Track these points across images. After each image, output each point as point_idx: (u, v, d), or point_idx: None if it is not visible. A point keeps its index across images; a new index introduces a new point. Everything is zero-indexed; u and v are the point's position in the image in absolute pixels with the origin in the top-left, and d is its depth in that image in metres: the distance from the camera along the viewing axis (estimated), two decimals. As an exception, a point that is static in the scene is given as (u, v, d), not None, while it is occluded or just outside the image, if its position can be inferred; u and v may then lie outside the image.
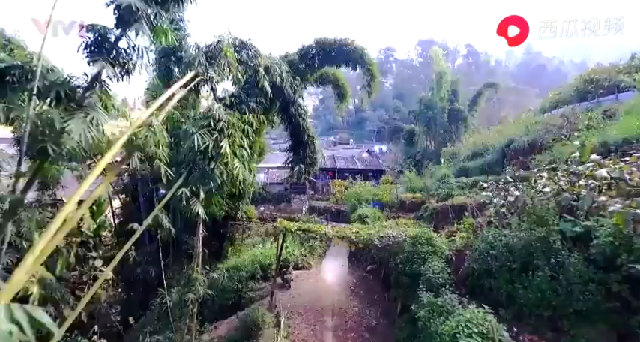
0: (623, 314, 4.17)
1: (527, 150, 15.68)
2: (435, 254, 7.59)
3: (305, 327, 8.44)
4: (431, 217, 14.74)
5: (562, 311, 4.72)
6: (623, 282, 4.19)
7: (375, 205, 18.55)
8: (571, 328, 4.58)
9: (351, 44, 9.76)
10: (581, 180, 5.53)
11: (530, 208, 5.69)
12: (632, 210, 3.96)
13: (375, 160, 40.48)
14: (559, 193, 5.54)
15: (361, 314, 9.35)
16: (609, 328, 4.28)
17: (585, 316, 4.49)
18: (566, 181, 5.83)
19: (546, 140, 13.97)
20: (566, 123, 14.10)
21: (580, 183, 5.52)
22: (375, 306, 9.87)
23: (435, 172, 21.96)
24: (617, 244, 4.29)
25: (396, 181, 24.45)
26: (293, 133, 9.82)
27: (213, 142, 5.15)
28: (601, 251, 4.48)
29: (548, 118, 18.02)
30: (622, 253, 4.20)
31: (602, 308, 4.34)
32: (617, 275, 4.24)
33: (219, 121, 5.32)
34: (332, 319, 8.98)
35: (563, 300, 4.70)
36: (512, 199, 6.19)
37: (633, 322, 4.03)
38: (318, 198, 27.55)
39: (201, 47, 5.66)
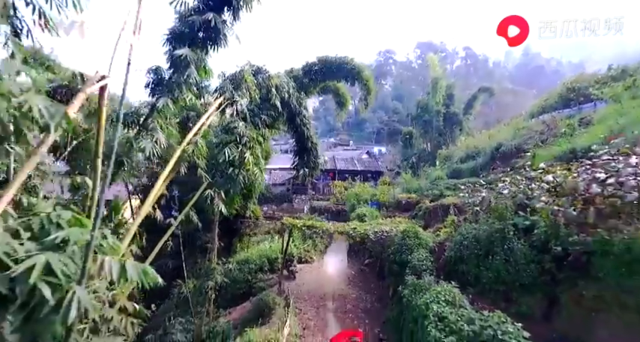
0: (551, 285, 5.55)
1: (514, 153, 17.05)
2: (420, 246, 8.99)
3: (310, 309, 9.85)
4: (424, 216, 16.06)
5: (512, 286, 6.11)
6: (552, 261, 5.58)
7: (373, 205, 19.88)
8: (518, 298, 5.97)
9: (350, 62, 11.17)
10: (534, 183, 6.93)
11: (494, 206, 7.08)
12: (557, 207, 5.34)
13: (373, 161, 41.85)
14: (516, 194, 6.94)
15: (358, 300, 10.76)
16: (543, 296, 5.67)
17: (527, 288, 5.87)
18: (524, 184, 7.23)
19: (529, 145, 15.37)
20: (546, 129, 15.50)
21: (532, 185, 6.92)
22: (370, 293, 11.27)
23: (430, 173, 23.33)
24: (549, 233, 5.68)
25: (393, 182, 25.81)
26: (298, 140, 11.20)
27: (238, 154, 6.54)
28: (539, 238, 5.87)
29: (534, 123, 19.42)
30: (552, 239, 5.58)
31: (539, 281, 5.72)
32: (549, 256, 5.62)
33: (244, 137, 6.72)
34: (333, 303, 10.39)
35: (513, 277, 6.09)
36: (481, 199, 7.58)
37: (558, 289, 5.41)
38: (319, 198, 28.71)
39: (227, 76, 7.03)
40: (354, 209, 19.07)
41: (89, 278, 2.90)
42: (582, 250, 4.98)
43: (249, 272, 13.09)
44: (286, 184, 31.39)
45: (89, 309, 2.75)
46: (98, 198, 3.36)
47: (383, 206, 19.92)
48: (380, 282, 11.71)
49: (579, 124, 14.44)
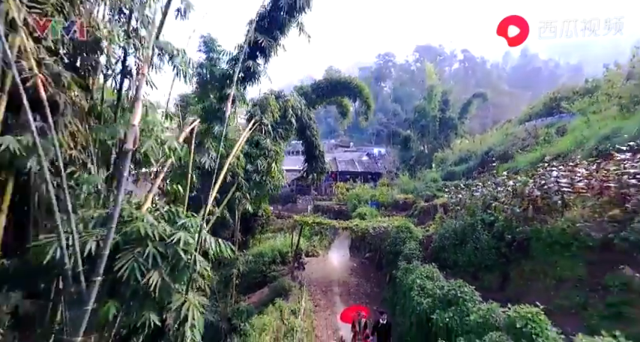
0: (505, 265, 7.45)
1: (501, 157, 18.94)
2: (411, 238, 10.90)
3: (318, 292, 11.76)
4: (419, 214, 17.94)
5: (479, 267, 8.01)
6: (506, 247, 7.47)
7: (373, 205, 21.74)
8: (482, 276, 7.86)
9: (352, 81, 13.06)
10: (499, 187, 8.83)
11: (468, 205, 8.97)
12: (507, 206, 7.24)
13: (373, 163, 43.73)
14: (485, 195, 8.84)
15: (359, 286, 12.67)
16: (499, 273, 7.56)
17: (489, 268, 7.76)
18: (492, 187, 9.13)
19: (513, 150, 17.27)
20: (528, 137, 17.41)
21: (499, 189, 8.82)
22: (370, 281, 13.18)
23: (426, 175, 25.20)
24: (505, 225, 7.57)
25: (391, 183, 27.69)
26: (307, 149, 13.13)
27: (267, 164, 8.42)
28: (498, 230, 7.77)
29: (520, 129, 21.30)
30: (506, 230, 7.48)
31: (497, 263, 7.62)
32: (504, 243, 7.52)
33: (270, 151, 8.58)
34: (338, 288, 12.30)
35: (479, 260, 7.98)
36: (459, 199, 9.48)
37: (509, 268, 7.31)
38: (322, 198, 30.52)
39: (256, 101, 8.89)
40: (355, 209, 20.92)
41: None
42: (524, 237, 6.87)
43: (264, 264, 14.97)
44: (290, 185, 33.21)
45: (202, 267, 4.72)
46: (194, 198, 5.28)
47: (382, 206, 21.77)
48: (378, 272, 13.61)
49: (556, 133, 16.34)
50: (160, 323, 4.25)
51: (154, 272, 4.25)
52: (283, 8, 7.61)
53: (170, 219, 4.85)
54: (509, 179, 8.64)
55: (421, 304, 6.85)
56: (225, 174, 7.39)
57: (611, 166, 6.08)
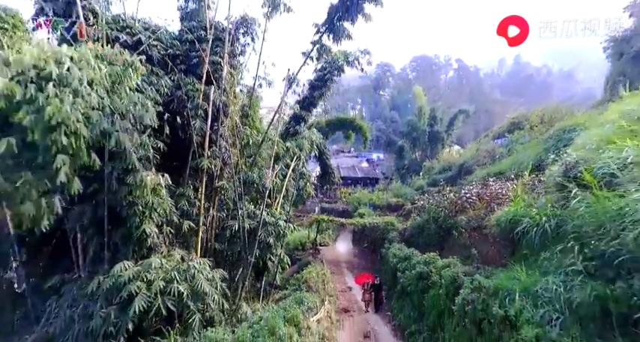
0: (442, 243, 13.29)
1: (467, 171, 24.80)
2: (393, 230, 16.80)
3: (331, 267, 17.64)
4: (405, 214, 23.77)
5: (429, 244, 13.85)
6: (442, 232, 13.32)
7: (370, 207, 27.62)
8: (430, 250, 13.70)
9: (355, 120, 18.96)
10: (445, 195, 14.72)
11: (428, 208, 14.85)
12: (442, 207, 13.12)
13: (372, 169, 49.65)
14: (438, 200, 14.73)
15: (360, 264, 18.58)
16: (438, 247, 13.40)
17: (434, 245, 13.58)
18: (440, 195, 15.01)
19: (475, 165, 23.12)
20: (488, 154, 23.28)
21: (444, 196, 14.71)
22: (366, 260, 19.09)
23: (415, 182, 31.11)
24: (442, 219, 13.42)
25: (387, 188, 33.61)
26: (323, 167, 19.08)
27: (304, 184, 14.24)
28: (439, 222, 13.63)
29: (489, 146, 27.11)
30: (442, 222, 13.34)
31: (438, 241, 13.44)
32: (441, 230, 13.36)
33: (305, 174, 14.39)
34: (344, 264, 18.19)
35: (429, 241, 13.84)
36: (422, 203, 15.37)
37: (443, 244, 13.17)
38: (327, 201, 36.22)
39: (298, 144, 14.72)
40: (356, 210, 26.81)
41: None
42: (449, 226, 12.73)
43: (289, 250, 20.83)
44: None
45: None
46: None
47: (378, 208, 27.63)
48: (372, 254, 19.53)
49: (507, 153, 22.16)
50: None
51: (271, 238, 10.19)
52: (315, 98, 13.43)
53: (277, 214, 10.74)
54: (450, 191, 14.51)
55: (392, 262, 12.71)
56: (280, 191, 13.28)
57: (491, 186, 11.87)
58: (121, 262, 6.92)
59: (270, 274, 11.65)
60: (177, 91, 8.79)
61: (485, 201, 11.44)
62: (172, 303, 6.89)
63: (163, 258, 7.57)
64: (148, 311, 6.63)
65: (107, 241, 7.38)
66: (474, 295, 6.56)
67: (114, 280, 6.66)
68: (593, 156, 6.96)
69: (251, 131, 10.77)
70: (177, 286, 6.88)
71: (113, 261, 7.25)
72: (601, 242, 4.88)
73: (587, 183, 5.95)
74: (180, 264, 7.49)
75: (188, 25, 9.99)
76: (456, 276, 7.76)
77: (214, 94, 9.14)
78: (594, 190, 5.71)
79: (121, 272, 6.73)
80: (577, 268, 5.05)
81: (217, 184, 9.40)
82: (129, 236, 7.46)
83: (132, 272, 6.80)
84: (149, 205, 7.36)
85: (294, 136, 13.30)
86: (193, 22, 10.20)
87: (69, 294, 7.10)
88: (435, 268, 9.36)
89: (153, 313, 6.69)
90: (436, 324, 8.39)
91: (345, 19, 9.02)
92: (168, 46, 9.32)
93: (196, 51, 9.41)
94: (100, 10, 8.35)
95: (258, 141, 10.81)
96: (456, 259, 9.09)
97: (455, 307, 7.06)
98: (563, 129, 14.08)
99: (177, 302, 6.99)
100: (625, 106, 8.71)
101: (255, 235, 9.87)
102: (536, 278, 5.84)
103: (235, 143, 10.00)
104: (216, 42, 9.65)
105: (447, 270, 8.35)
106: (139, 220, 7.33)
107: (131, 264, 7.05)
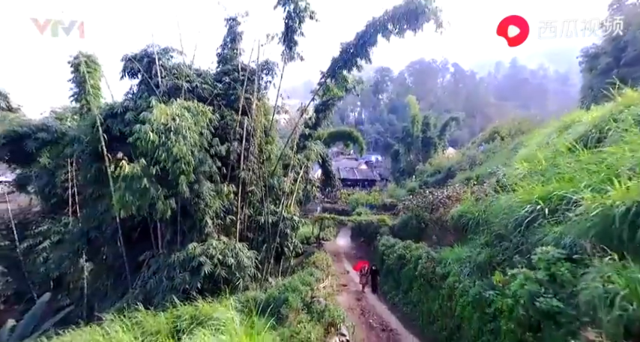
0: (419, 234, 16.71)
1: (451, 175, 28.25)
2: (385, 225, 20.26)
3: (332, 257, 21.08)
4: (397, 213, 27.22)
5: (411, 236, 17.31)
6: (421, 226, 16.75)
7: (367, 207, 31.09)
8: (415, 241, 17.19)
9: (352, 133, 22.36)
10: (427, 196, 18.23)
11: (411, 207, 18.32)
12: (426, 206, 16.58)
13: (370, 171, 53.14)
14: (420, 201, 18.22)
15: (356, 254, 22.04)
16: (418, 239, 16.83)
17: (415, 236, 17.04)
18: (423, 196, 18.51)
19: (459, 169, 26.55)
20: (470, 160, 26.72)
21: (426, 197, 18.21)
22: (363, 252, 22.55)
23: (408, 184, 34.57)
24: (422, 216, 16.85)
25: (383, 189, 37.10)
26: (325, 173, 22.58)
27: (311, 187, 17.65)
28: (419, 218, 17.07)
29: (474, 152, 30.56)
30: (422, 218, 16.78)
31: (418, 234, 16.88)
32: (422, 225, 16.79)
33: (311, 180, 17.78)
34: (344, 255, 21.65)
35: (411, 234, 17.29)
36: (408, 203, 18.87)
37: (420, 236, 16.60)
38: (328, 201, 39.65)
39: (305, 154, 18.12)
40: (354, 209, 30.29)
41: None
42: (427, 221, 16.17)
43: (296, 244, 24.27)
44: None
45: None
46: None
47: (374, 207, 31.09)
48: (368, 247, 22.99)
49: (485, 159, 25.59)
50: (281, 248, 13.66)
51: (288, 229, 13.68)
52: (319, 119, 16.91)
53: (291, 211, 14.20)
54: (430, 193, 17.96)
55: (381, 249, 16.18)
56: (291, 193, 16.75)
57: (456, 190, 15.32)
58: (191, 243, 10.38)
59: (286, 257, 15.09)
60: (221, 121, 12.22)
61: (451, 201, 14.91)
62: (225, 271, 10.33)
63: (216, 241, 11.02)
64: (209, 276, 10.07)
65: (179, 228, 10.84)
66: (427, 264, 10.04)
67: (186, 255, 10.11)
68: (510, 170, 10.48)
69: (271, 147, 14.21)
70: (230, 258, 10.33)
71: (183, 243, 10.72)
72: (494, 226, 8.36)
73: (501, 189, 9.45)
74: (229, 245, 10.93)
75: (225, 69, 13.44)
76: (420, 254, 11.23)
77: (247, 122, 12.57)
78: (500, 194, 9.21)
79: (192, 250, 10.18)
80: (480, 242, 8.54)
81: (249, 189, 12.83)
82: (194, 225, 10.93)
83: (199, 249, 10.25)
84: (208, 204, 10.81)
85: (303, 150, 16.73)
86: (228, 65, 13.61)
87: (155, 264, 10.55)
88: (410, 251, 12.82)
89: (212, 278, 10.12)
90: (408, 288, 11.86)
91: (344, 69, 12.44)
92: (213, 87, 12.75)
93: (233, 89, 12.84)
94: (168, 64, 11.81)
95: (277, 156, 14.23)
96: (424, 244, 12.55)
97: (417, 272, 10.53)
98: (519, 143, 17.53)
99: (227, 271, 10.43)
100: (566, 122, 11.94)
101: (276, 227, 13.31)
102: (464, 251, 9.32)
103: (260, 158, 13.45)
104: (247, 82, 13.07)
105: (416, 251, 11.82)
106: (200, 214, 10.80)
107: (197, 244, 10.49)
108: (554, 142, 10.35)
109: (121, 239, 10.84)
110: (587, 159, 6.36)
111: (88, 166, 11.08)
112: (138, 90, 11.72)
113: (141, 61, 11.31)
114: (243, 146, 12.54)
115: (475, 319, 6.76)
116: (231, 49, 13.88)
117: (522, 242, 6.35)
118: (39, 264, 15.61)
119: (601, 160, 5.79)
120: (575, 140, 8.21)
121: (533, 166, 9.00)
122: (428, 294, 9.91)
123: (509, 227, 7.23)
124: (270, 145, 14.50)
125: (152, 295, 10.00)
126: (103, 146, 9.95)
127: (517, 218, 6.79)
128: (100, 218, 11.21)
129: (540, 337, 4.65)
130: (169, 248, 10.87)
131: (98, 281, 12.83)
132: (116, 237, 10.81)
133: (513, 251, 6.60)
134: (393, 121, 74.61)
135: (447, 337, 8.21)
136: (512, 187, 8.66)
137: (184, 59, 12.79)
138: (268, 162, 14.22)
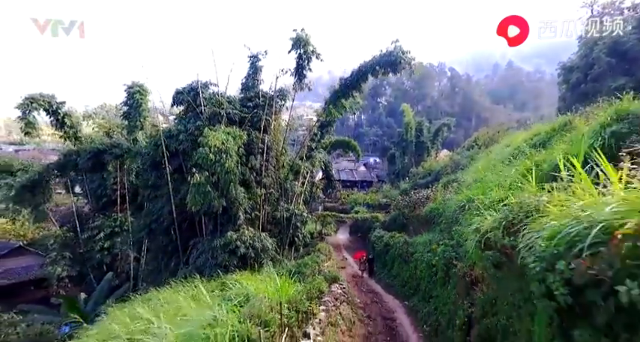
0: (403, 227, 20.52)
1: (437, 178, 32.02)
2: (378, 221, 24.13)
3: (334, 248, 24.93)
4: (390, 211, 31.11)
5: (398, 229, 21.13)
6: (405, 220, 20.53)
7: (365, 206, 34.92)
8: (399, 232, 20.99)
9: (349, 142, 26.16)
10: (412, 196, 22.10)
11: (399, 205, 22.14)
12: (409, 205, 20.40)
13: (368, 172, 56.93)
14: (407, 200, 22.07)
15: (354, 246, 25.89)
16: (402, 230, 20.66)
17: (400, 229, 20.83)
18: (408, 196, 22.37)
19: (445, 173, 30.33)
20: (454, 164, 30.51)
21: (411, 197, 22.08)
22: (359, 244, 26.40)
23: (402, 185, 38.37)
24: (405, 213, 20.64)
25: (379, 190, 40.92)
26: (327, 177, 26.43)
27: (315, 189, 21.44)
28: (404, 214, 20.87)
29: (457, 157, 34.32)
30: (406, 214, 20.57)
31: (402, 227, 20.69)
32: (405, 220, 20.57)
33: (315, 184, 21.57)
34: (343, 247, 25.50)
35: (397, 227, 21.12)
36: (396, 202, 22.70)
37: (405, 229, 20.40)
38: (329, 201, 43.39)
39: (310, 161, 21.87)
40: (353, 208, 34.13)
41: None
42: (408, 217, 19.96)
43: (301, 238, 28.14)
44: (306, 191, 46.32)
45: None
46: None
47: (371, 207, 34.92)
48: (364, 241, 26.83)
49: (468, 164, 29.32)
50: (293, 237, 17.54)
51: (299, 223, 17.55)
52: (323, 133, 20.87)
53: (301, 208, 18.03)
54: (414, 194, 21.78)
55: (372, 240, 19.99)
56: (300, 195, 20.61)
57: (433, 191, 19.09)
58: (229, 232, 14.21)
59: (297, 245, 18.92)
60: (248, 138, 16.03)
61: (428, 201, 18.76)
62: (253, 253, 14.15)
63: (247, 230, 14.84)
64: (242, 257, 13.88)
65: (219, 221, 14.67)
66: (403, 246, 13.87)
67: (226, 240, 13.93)
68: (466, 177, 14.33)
69: (284, 158, 18.03)
70: (257, 243, 14.16)
71: (222, 231, 14.55)
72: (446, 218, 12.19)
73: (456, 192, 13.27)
74: (255, 234, 14.75)
75: (248, 95, 17.25)
76: (400, 241, 15.06)
77: (267, 139, 16.37)
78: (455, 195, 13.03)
79: (230, 237, 14.00)
80: (438, 229, 12.39)
81: (268, 191, 16.65)
82: (230, 219, 14.75)
83: (235, 236, 14.08)
84: (240, 203, 14.64)
85: (309, 159, 20.55)
86: (251, 92, 17.41)
87: (202, 247, 14.37)
88: (393, 239, 16.65)
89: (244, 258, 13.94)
90: (391, 267, 15.71)
91: (342, 98, 16.27)
92: (240, 111, 16.55)
93: (255, 113, 16.65)
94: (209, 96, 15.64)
95: (289, 164, 18.05)
96: (404, 234, 16.39)
97: (396, 253, 14.37)
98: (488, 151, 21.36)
99: (255, 253, 14.25)
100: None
101: (289, 221, 17.12)
102: (428, 236, 13.15)
103: (277, 166, 17.28)
104: (266, 107, 16.86)
105: (397, 239, 15.66)
106: (235, 209, 14.63)
107: (233, 233, 14.31)
108: (496, 156, 14.20)
109: (175, 229, 14.66)
110: (494, 174, 10.18)
111: (149, 174, 14.91)
112: (185, 116, 15.52)
113: (188, 94, 15.12)
114: (264, 158, 16.36)
115: (426, 276, 10.59)
116: (253, 79, 17.69)
117: (452, 226, 10.17)
118: (95, 251, 19.46)
119: (498, 175, 9.59)
120: (503, 158, 12.03)
121: (477, 175, 12.82)
122: (403, 268, 13.75)
123: (450, 218, 11.06)
124: (284, 156, 18.31)
125: (201, 270, 13.83)
126: (165, 159, 13.78)
127: (454, 212, 10.61)
128: (158, 213, 15.02)
129: (449, 274, 8.49)
130: (212, 235, 14.69)
131: (151, 263, 16.64)
132: (171, 228, 14.62)
133: (448, 232, 10.43)
134: (391, 124, 78.17)
135: (412, 293, 12.05)
136: (460, 190, 12.48)
137: (218, 89, 16.63)
138: (282, 169, 18.05)
